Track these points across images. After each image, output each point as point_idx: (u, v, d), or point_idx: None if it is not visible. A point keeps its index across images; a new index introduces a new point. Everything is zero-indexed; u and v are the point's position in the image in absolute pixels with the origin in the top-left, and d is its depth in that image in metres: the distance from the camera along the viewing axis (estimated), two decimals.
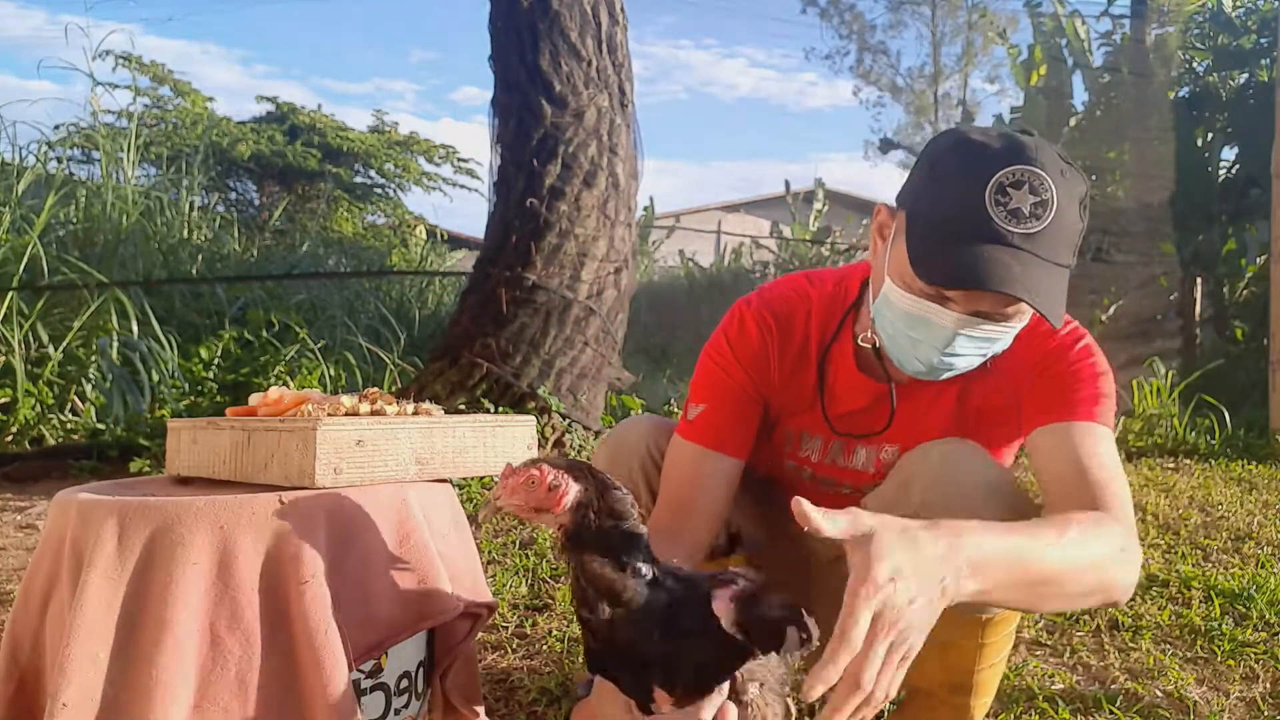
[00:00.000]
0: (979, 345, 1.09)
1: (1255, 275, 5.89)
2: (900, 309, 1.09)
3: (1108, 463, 1.09)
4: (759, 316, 1.28)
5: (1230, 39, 6.12)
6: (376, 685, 1.13)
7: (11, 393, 3.69)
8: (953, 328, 1.06)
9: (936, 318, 1.06)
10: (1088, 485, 1.06)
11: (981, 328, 1.06)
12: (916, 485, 1.12)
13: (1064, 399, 1.13)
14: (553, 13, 3.38)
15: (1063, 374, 1.15)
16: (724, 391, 1.28)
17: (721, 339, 1.30)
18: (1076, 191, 1.03)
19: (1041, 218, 1.00)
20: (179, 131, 9.24)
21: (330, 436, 1.11)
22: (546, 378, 3.20)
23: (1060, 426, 1.12)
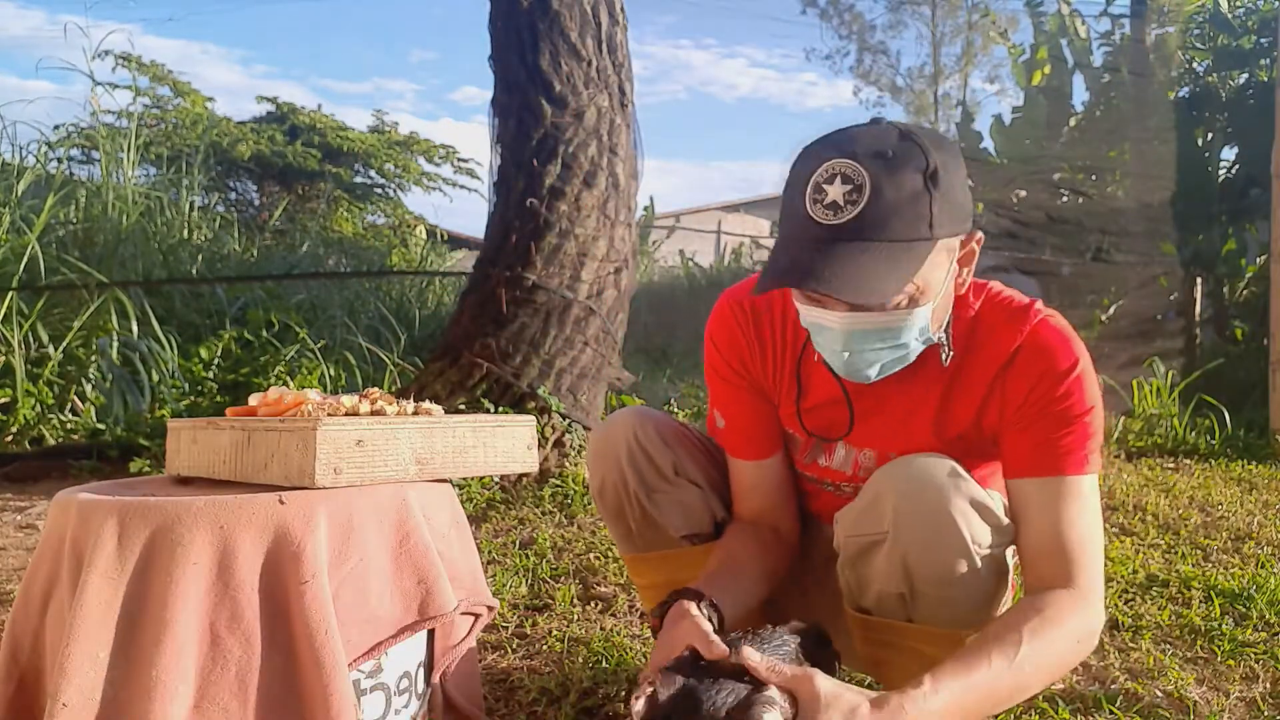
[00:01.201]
0: (879, 337, 1.07)
1: (1255, 275, 5.89)
2: (804, 318, 1.12)
3: (1085, 526, 1.10)
4: (733, 304, 1.30)
5: (1230, 39, 6.12)
6: (376, 685, 1.13)
7: (11, 393, 3.69)
8: (839, 326, 1.06)
9: (825, 320, 1.07)
10: (1063, 554, 1.09)
11: (864, 320, 1.05)
12: (888, 502, 1.11)
13: (1053, 448, 1.11)
14: (553, 13, 3.38)
15: (1055, 413, 1.12)
16: (731, 396, 1.32)
17: (709, 340, 1.34)
18: (910, 169, 1.00)
19: (857, 203, 0.98)
20: (179, 131, 9.24)
21: (330, 436, 1.11)
22: (546, 378, 3.20)
23: (1045, 483, 1.11)
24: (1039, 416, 1.12)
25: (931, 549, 1.08)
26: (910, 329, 1.08)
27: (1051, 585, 1.08)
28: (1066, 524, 1.10)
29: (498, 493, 2.87)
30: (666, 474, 1.33)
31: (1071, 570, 1.08)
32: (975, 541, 1.08)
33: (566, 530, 2.54)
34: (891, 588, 1.13)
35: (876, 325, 1.06)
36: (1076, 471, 1.11)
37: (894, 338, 1.08)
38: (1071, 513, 1.10)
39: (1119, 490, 3.07)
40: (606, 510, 1.40)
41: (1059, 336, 1.15)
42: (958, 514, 1.07)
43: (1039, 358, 1.13)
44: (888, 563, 1.12)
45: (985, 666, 0.99)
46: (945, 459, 1.13)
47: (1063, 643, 1.04)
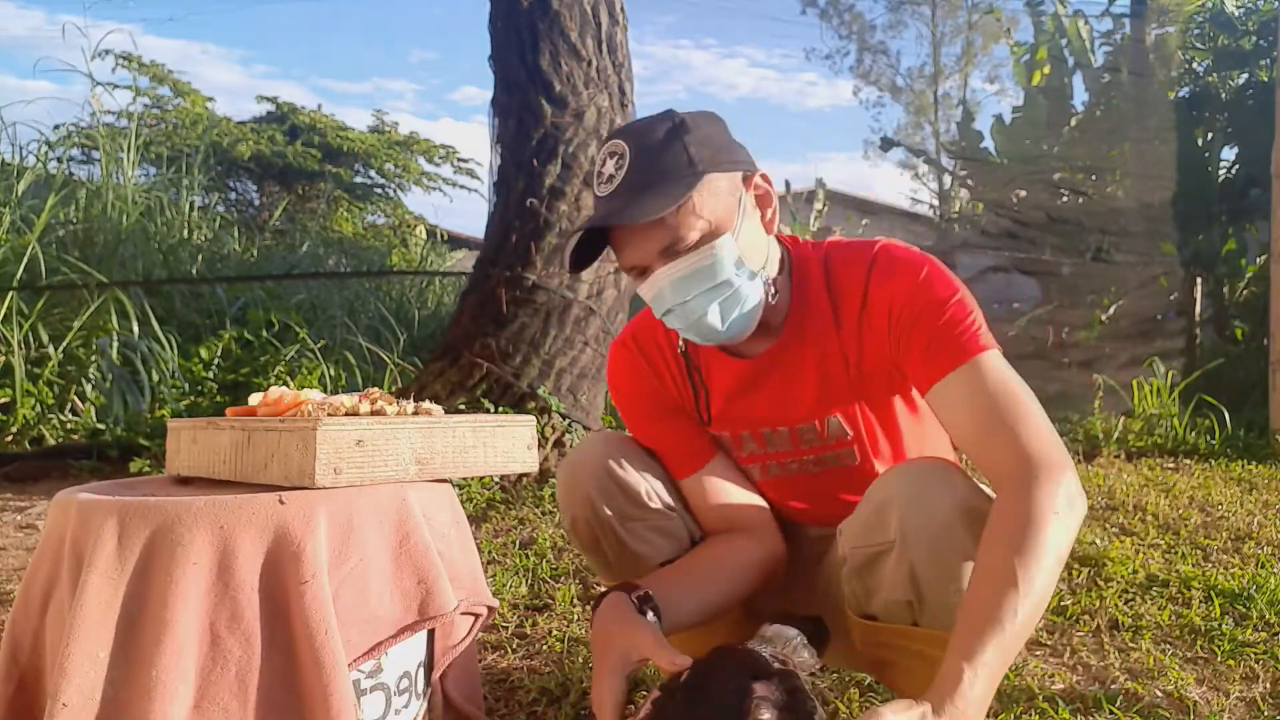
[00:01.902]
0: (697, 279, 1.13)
1: (1255, 275, 5.89)
2: (644, 298, 1.20)
3: (1009, 398, 1.09)
4: (620, 347, 1.40)
5: (1230, 39, 6.12)
6: (376, 685, 1.13)
7: (11, 393, 3.69)
8: (661, 283, 1.14)
9: (651, 287, 1.15)
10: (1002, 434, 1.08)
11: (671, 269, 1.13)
12: (893, 511, 1.11)
13: (939, 342, 1.13)
14: (553, 13, 3.38)
15: (923, 312, 1.15)
16: (652, 425, 1.36)
17: (611, 388, 1.42)
18: (656, 128, 1.13)
19: (622, 165, 1.12)
20: (179, 131, 9.24)
21: (330, 436, 1.11)
22: (546, 378, 3.19)
23: (951, 378, 1.12)
24: (913, 322, 1.15)
25: (939, 556, 1.08)
26: (721, 264, 1.13)
27: (1006, 471, 1.06)
28: (992, 404, 1.09)
29: (498, 493, 2.88)
30: (640, 501, 1.31)
31: (1020, 447, 1.06)
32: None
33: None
34: (899, 595, 1.12)
35: (688, 267, 1.12)
36: (974, 352, 1.12)
37: (710, 276, 1.13)
38: (991, 390, 1.10)
39: (1119, 490, 3.07)
40: (582, 544, 1.37)
41: (901, 249, 1.21)
42: (963, 521, 1.07)
43: (889, 273, 1.19)
44: (895, 572, 1.11)
45: (1011, 618, 0.96)
46: (945, 462, 1.13)
47: (1050, 532, 1.00)
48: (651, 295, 1.17)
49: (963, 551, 1.07)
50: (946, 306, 1.14)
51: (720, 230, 1.13)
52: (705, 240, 1.12)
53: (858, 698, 1.57)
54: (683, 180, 1.10)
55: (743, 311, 1.16)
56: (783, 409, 1.27)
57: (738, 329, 1.18)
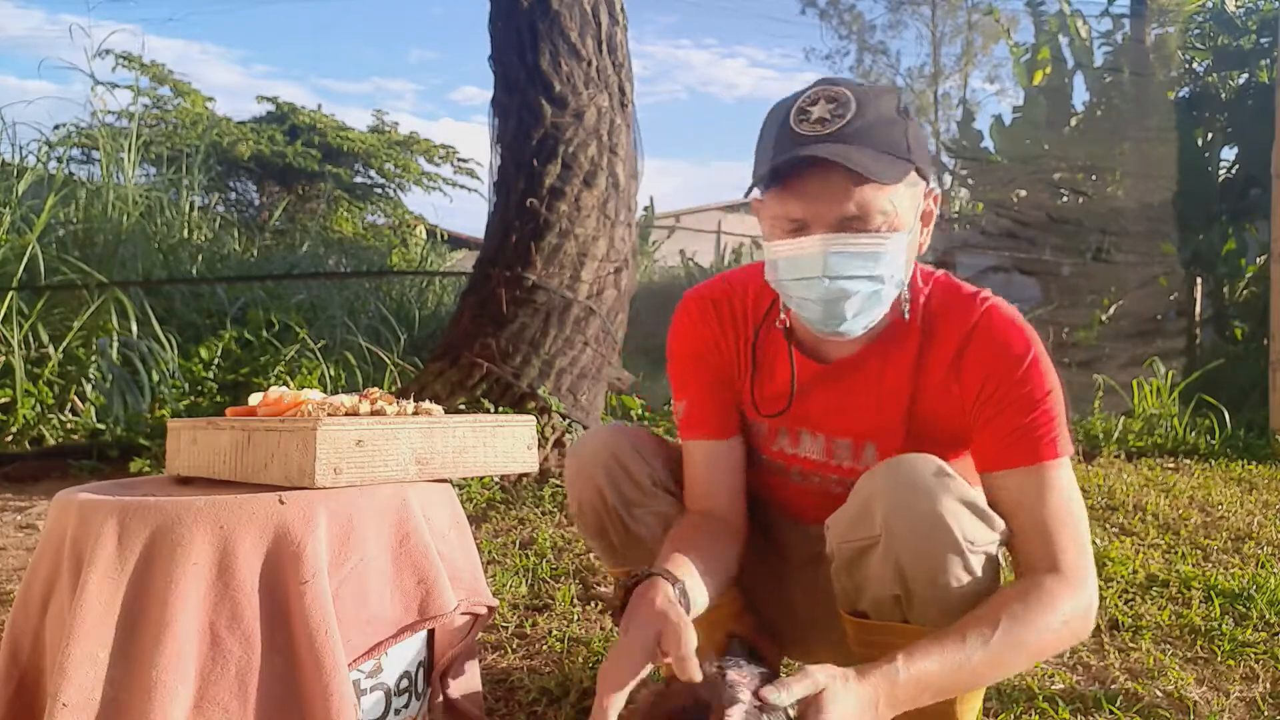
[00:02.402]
0: (860, 261, 1.08)
1: (1255, 275, 5.89)
2: (777, 259, 1.13)
3: (1065, 509, 1.12)
4: (697, 298, 1.34)
5: (1230, 39, 6.12)
6: (376, 685, 1.13)
7: (11, 393, 3.69)
8: (820, 249, 1.07)
9: (805, 248, 1.09)
10: (1046, 540, 1.11)
11: (844, 240, 1.07)
12: (878, 506, 1.11)
13: (1021, 438, 1.13)
14: (553, 13, 3.37)
15: (1016, 402, 1.13)
16: (692, 380, 1.32)
17: (671, 334, 1.35)
18: (886, 98, 1.08)
19: (843, 115, 1.05)
20: (179, 131, 9.24)
21: (330, 436, 1.11)
22: (546, 378, 3.19)
23: (1018, 473, 1.13)
24: (1001, 407, 1.14)
25: (924, 551, 1.08)
26: (888, 257, 1.09)
27: (1037, 566, 1.10)
28: (1046, 510, 1.11)
29: (498, 493, 2.88)
30: (644, 487, 1.32)
31: (1056, 554, 1.10)
32: (968, 540, 1.08)
33: (566, 530, 2.54)
34: (886, 591, 1.13)
35: (858, 246, 1.07)
36: (1048, 457, 1.12)
37: (873, 263, 1.09)
38: (1050, 498, 1.11)
39: (1119, 490, 3.07)
40: (588, 529, 1.38)
41: (1008, 322, 1.17)
42: (949, 514, 1.07)
43: (991, 345, 1.16)
44: (882, 566, 1.12)
45: (958, 646, 1.02)
46: (933, 459, 1.13)
47: (1046, 624, 1.05)
48: (798, 255, 1.10)
49: (949, 544, 1.08)
50: (1037, 406, 1.13)
51: (899, 227, 1.09)
52: (885, 229, 1.08)
53: None
54: (899, 163, 1.06)
55: (872, 313, 1.13)
56: (833, 419, 1.26)
57: (857, 327, 1.14)
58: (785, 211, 1.10)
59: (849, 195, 1.05)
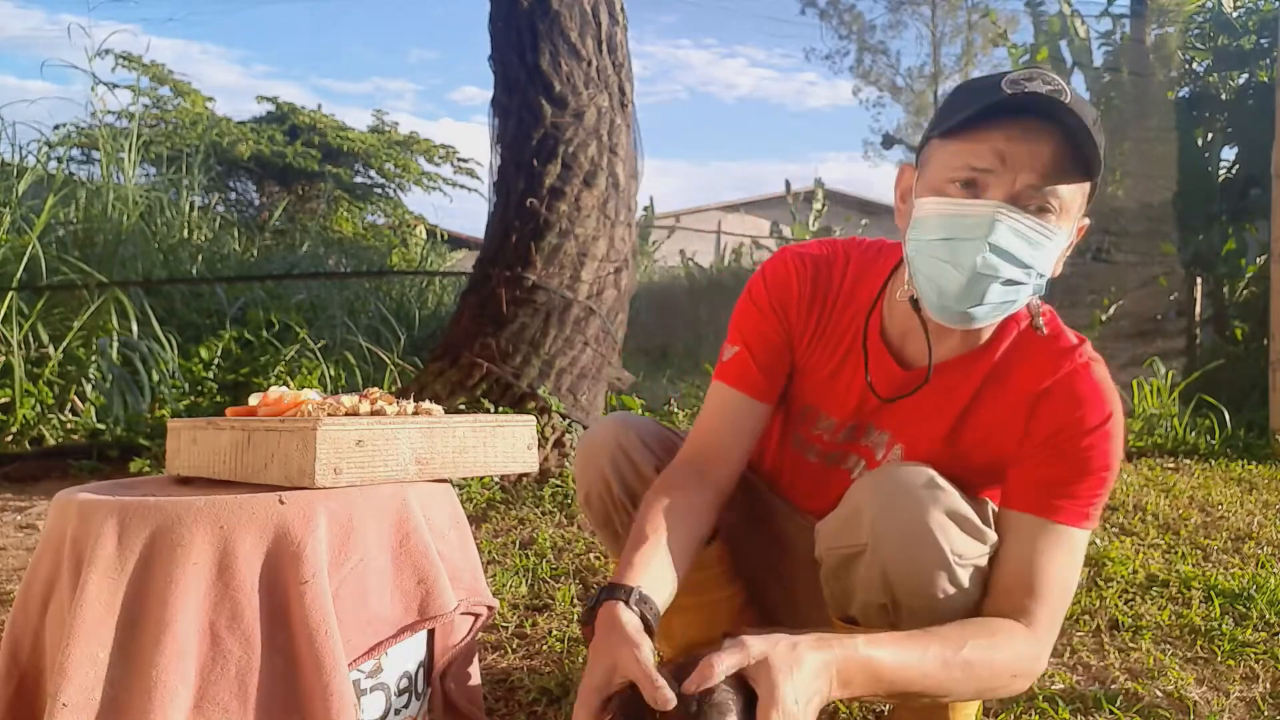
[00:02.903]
0: (1020, 244, 1.03)
1: (1255, 275, 5.89)
2: (930, 216, 1.07)
3: (1063, 575, 1.10)
4: (796, 255, 1.29)
5: (1230, 39, 6.12)
6: (376, 685, 1.13)
7: (11, 393, 3.69)
8: (991, 213, 1.02)
9: (971, 210, 1.03)
10: (1031, 592, 1.09)
11: (1017, 217, 1.02)
12: (866, 514, 1.10)
13: (1059, 493, 1.11)
14: (553, 13, 3.37)
15: (1070, 457, 1.11)
16: (754, 331, 1.28)
17: (758, 276, 1.31)
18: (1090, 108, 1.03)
19: (1061, 94, 1.00)
20: (179, 131, 9.24)
21: (330, 436, 1.11)
22: (546, 378, 3.19)
23: (1038, 522, 1.11)
24: (1056, 459, 1.12)
25: (910, 561, 1.08)
26: (1045, 251, 1.05)
27: (1009, 614, 1.08)
28: (1046, 567, 1.09)
29: (498, 493, 2.88)
30: (650, 479, 1.29)
31: (1034, 609, 1.08)
32: (954, 552, 1.07)
33: (566, 530, 2.54)
34: (874, 599, 1.12)
35: (1029, 226, 1.02)
36: (1074, 524, 1.10)
37: (1036, 249, 1.04)
38: (1054, 559, 1.09)
39: (1119, 490, 3.07)
40: (594, 518, 1.38)
41: (1098, 387, 1.14)
42: (935, 526, 1.06)
43: (1074, 403, 1.13)
44: (868, 574, 1.11)
45: (919, 651, 1.00)
46: (924, 469, 1.11)
47: (1003, 665, 1.05)
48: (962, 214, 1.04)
49: (935, 556, 1.07)
50: (1092, 475, 1.11)
51: (1064, 228, 1.06)
52: (1054, 218, 1.04)
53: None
54: (1096, 165, 1.03)
55: (1006, 304, 1.08)
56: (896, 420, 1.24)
57: (982, 315, 1.09)
58: (970, 158, 1.03)
59: (1043, 166, 1.01)
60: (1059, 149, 1.01)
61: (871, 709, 1.55)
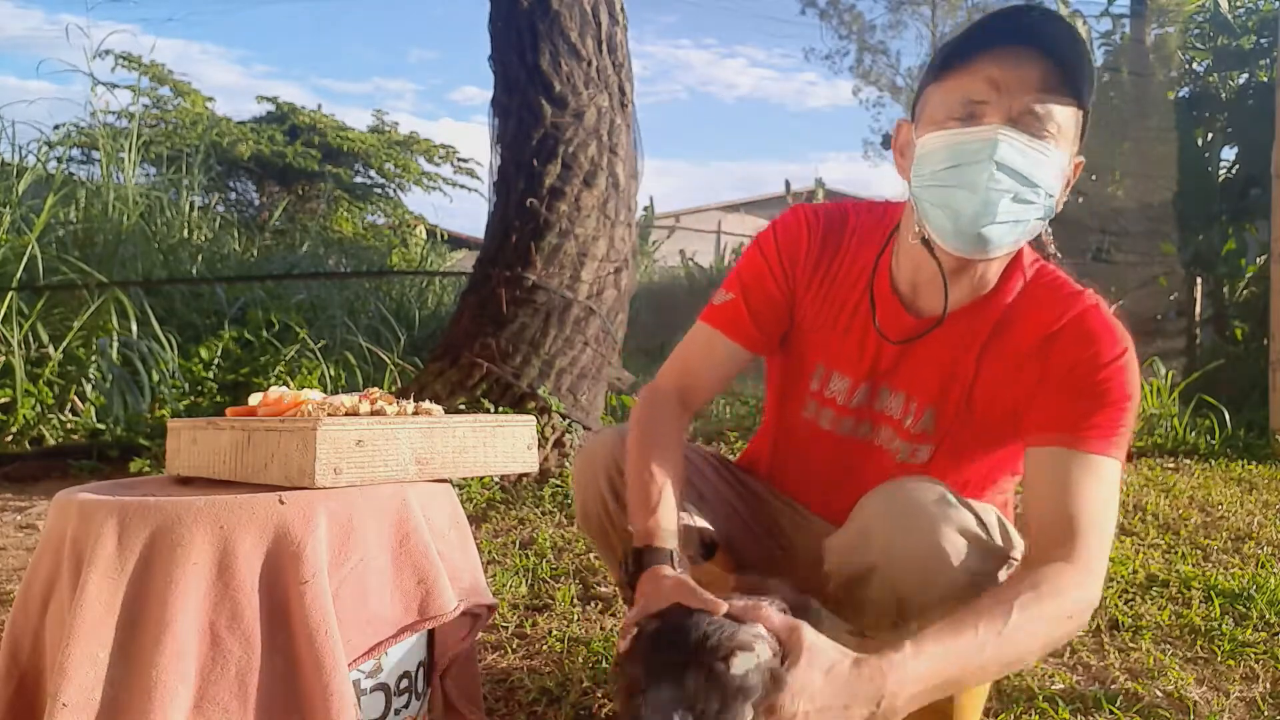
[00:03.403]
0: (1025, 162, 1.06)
1: (1255, 275, 5.88)
2: (936, 148, 1.10)
3: (1099, 506, 1.08)
4: (810, 210, 1.30)
5: (1230, 39, 6.11)
6: (376, 685, 1.13)
7: (11, 393, 3.69)
8: (991, 135, 1.05)
9: (974, 134, 1.06)
10: (1069, 526, 1.06)
11: (1017, 136, 1.05)
12: (877, 533, 1.09)
13: (1079, 421, 1.10)
14: (553, 13, 3.37)
15: (1089, 389, 1.11)
16: (755, 284, 1.30)
17: (770, 228, 1.32)
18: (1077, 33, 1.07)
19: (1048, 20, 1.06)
20: (179, 131, 9.24)
21: (330, 436, 1.11)
22: (546, 378, 3.19)
23: (1063, 454, 1.09)
24: (1073, 392, 1.11)
25: (923, 581, 1.06)
26: (1049, 168, 1.07)
27: (1051, 557, 1.05)
28: (1078, 498, 1.07)
29: (498, 493, 2.88)
30: None
31: (1075, 543, 1.05)
32: (968, 570, 1.06)
33: (566, 530, 2.54)
34: (885, 617, 1.11)
35: (1031, 146, 1.06)
36: (1099, 451, 1.09)
37: (1039, 167, 1.07)
38: (1085, 488, 1.07)
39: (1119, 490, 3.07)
40: (591, 533, 1.36)
41: (1106, 324, 1.15)
42: (948, 544, 1.05)
43: (1087, 340, 1.13)
44: (880, 593, 1.10)
45: (971, 634, 0.96)
46: (935, 485, 1.10)
47: (1054, 616, 1.01)
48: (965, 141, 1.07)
49: (948, 575, 1.05)
50: (1110, 405, 1.11)
51: (1063, 149, 1.09)
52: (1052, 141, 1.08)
53: None
54: (1086, 90, 1.07)
55: (1017, 222, 1.09)
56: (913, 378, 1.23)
57: (998, 236, 1.10)
58: (966, 92, 1.07)
59: (1039, 86, 1.05)
60: (1048, 71, 1.06)
61: None
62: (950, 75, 1.09)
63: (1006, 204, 1.07)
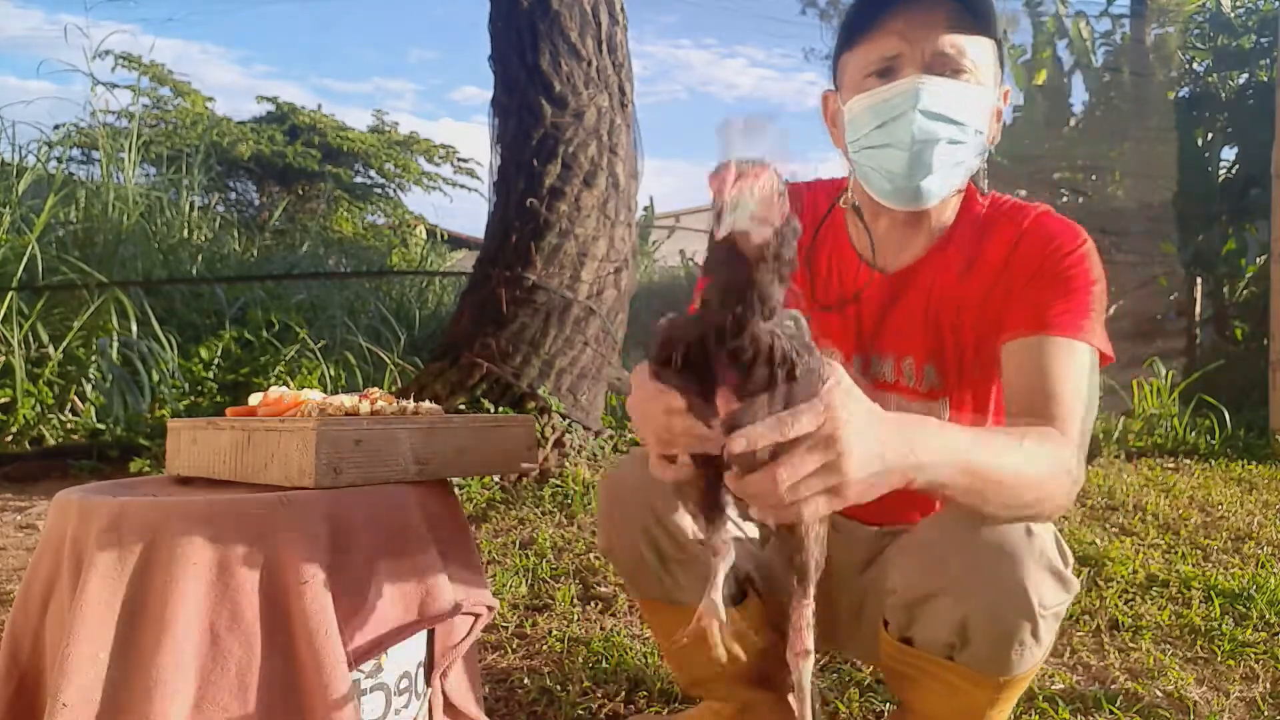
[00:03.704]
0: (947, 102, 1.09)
1: (1255, 275, 5.89)
2: (861, 108, 1.13)
3: (1072, 381, 1.08)
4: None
5: (1230, 39, 6.12)
6: (376, 685, 1.13)
7: (11, 393, 3.69)
8: (912, 85, 1.09)
9: (894, 88, 1.10)
10: (1047, 403, 1.06)
11: (939, 82, 1.09)
12: (955, 561, 1.03)
13: (1046, 309, 1.11)
14: (553, 13, 3.38)
15: (1052, 280, 1.12)
16: None
17: None
18: None
19: None
20: (179, 131, 9.24)
21: (330, 436, 1.11)
22: (546, 378, 3.19)
23: (1034, 341, 1.10)
24: (1038, 286, 1.13)
25: (997, 614, 1.03)
26: (975, 105, 1.11)
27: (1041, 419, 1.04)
28: (1057, 377, 1.07)
29: (498, 493, 2.88)
30: (685, 545, 1.20)
31: (1057, 416, 1.04)
32: (1042, 605, 1.02)
33: (566, 530, 2.54)
34: (944, 638, 1.07)
35: (945, 88, 1.09)
36: (1072, 334, 1.10)
37: (960, 108, 1.10)
38: (1064, 368, 1.07)
39: (1119, 490, 3.07)
40: (618, 569, 1.31)
41: (1063, 223, 1.18)
42: (1030, 582, 1.01)
43: (1046, 238, 1.16)
44: (947, 616, 1.06)
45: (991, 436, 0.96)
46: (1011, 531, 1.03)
47: (1053, 462, 0.99)
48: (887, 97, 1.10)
49: (1024, 612, 1.01)
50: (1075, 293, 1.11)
51: (984, 83, 1.13)
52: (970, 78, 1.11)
53: (857, 697, 1.57)
54: (988, 20, 1.11)
55: (951, 176, 1.13)
56: (901, 338, 1.22)
57: (936, 187, 1.13)
58: (878, 51, 1.11)
59: (946, 27, 1.09)
60: (951, 12, 1.10)
61: (871, 709, 1.55)
62: (861, 39, 1.13)
63: (940, 150, 1.11)
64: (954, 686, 1.08)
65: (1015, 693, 1.17)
